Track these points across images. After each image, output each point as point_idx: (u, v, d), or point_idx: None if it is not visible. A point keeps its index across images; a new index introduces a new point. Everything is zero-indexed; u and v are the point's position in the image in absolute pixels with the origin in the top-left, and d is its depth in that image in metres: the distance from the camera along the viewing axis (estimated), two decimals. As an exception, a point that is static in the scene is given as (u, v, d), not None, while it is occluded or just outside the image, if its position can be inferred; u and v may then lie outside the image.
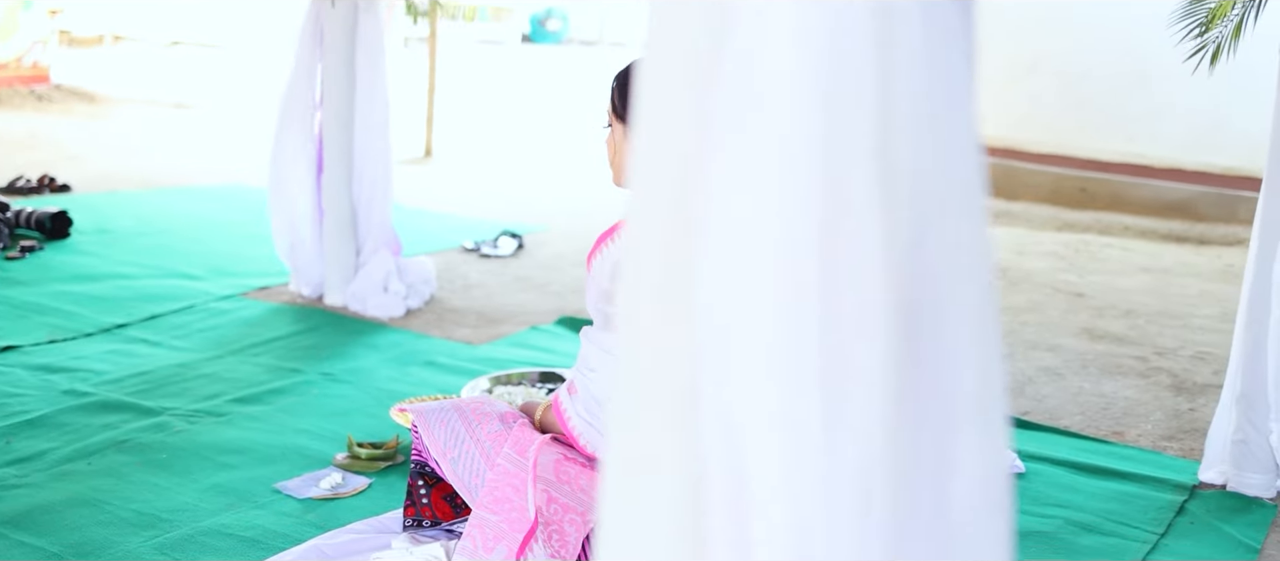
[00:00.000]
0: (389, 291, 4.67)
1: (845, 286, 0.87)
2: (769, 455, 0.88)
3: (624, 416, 0.98)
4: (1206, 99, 8.59)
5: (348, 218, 4.65)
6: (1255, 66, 8.59)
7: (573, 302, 5.03)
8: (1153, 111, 8.72)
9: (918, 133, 0.88)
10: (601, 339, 2.53)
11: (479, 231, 6.29)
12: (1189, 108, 8.68)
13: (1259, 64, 8.55)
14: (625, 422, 0.97)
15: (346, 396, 3.75)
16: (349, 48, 4.55)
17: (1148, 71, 8.73)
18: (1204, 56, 3.31)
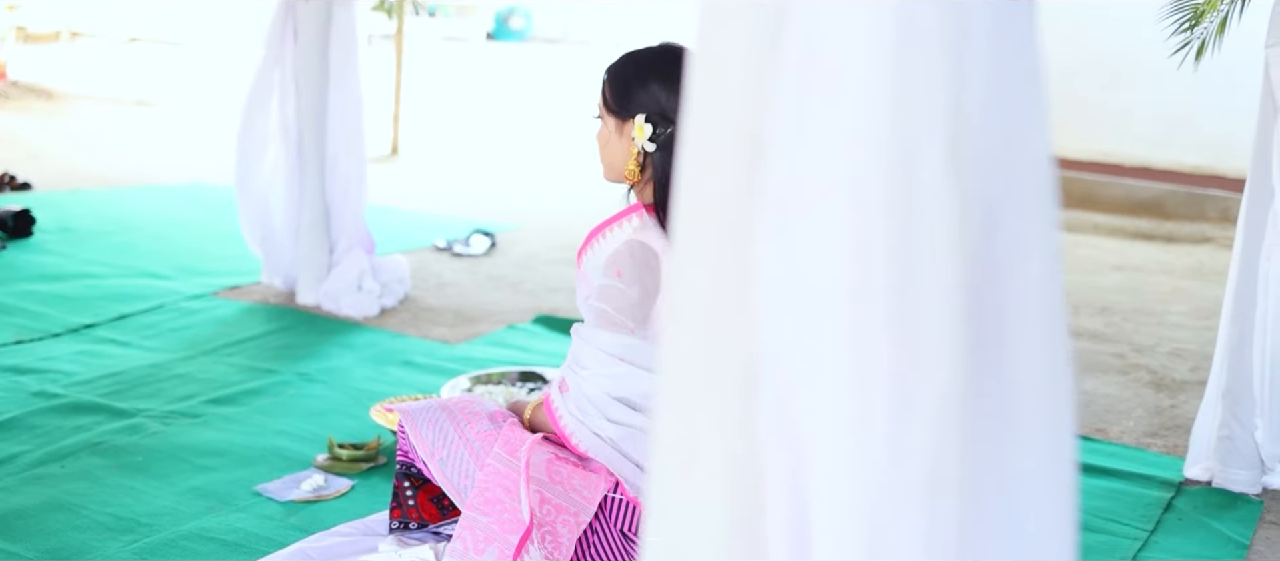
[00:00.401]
0: (363, 290, 4.61)
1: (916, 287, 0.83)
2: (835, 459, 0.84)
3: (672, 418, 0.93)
4: (1175, 98, 8.65)
5: (321, 215, 4.58)
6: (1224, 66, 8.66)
7: (548, 301, 4.99)
8: (1122, 111, 8.77)
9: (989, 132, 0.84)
10: (593, 336, 2.48)
11: (450, 229, 6.22)
12: (1158, 107, 8.73)
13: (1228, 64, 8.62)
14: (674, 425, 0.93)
15: (324, 397, 3.68)
16: (322, 42, 4.48)
17: (1119, 71, 8.78)
18: (1189, 52, 3.30)
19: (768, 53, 0.86)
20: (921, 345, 0.84)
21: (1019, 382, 0.90)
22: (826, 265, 0.84)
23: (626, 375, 2.46)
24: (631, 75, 2.56)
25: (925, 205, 0.83)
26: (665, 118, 2.50)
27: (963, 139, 0.83)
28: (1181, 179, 8.72)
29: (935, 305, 0.83)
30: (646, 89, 2.53)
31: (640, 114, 2.51)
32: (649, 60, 2.56)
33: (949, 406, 0.84)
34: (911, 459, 0.84)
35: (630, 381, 2.47)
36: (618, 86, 2.57)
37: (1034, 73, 0.90)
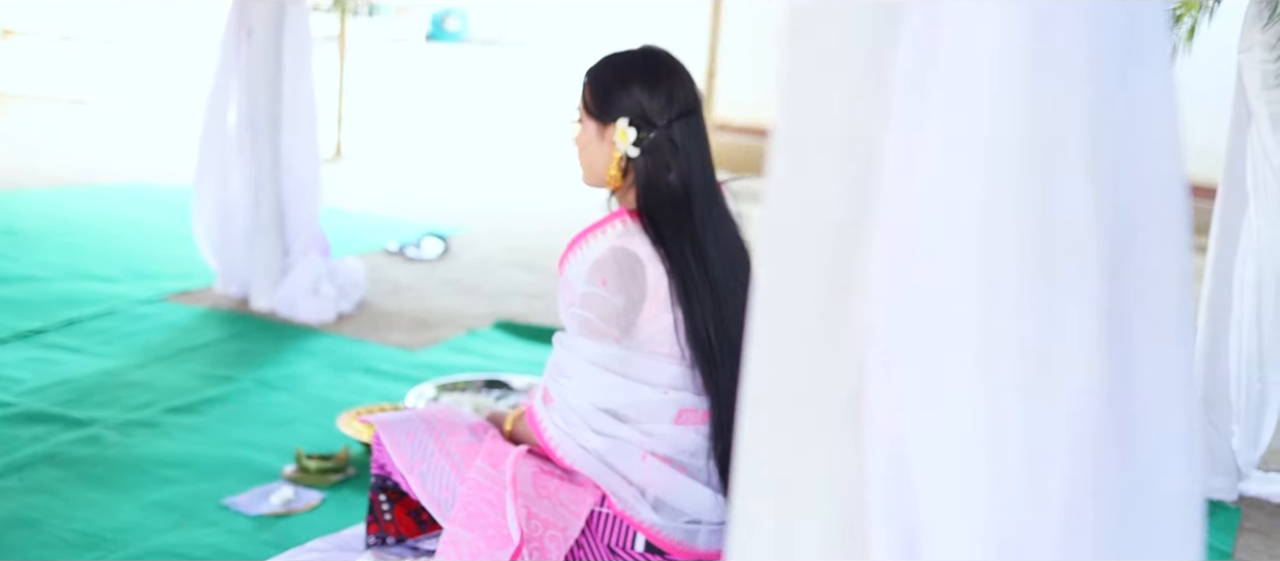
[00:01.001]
0: (319, 295, 4.51)
1: (1052, 304, 0.78)
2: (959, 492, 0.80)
3: (761, 451, 0.88)
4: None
5: (275, 218, 4.48)
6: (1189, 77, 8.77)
7: (506, 306, 4.92)
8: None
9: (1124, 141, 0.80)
10: (577, 345, 2.43)
11: (400, 232, 6.12)
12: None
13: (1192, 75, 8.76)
14: (763, 459, 0.88)
15: (286, 405, 3.59)
16: (275, 42, 4.38)
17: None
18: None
19: (879, 52, 0.81)
20: (1056, 368, 0.79)
21: (1151, 406, 0.86)
22: (949, 278, 0.79)
23: (612, 385, 2.41)
24: (612, 78, 2.51)
25: (1063, 214, 0.78)
26: (648, 121, 2.45)
27: (1101, 146, 0.79)
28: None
29: (1073, 323, 0.79)
30: (628, 92, 2.48)
31: (623, 118, 2.46)
32: (630, 63, 2.51)
33: (1085, 432, 0.80)
34: (1046, 489, 0.80)
35: (616, 391, 2.41)
36: (598, 90, 2.52)
37: (1165, 81, 0.86)
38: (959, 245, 0.79)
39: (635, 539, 2.42)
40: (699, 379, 2.46)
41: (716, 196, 2.54)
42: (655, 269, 2.42)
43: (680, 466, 2.45)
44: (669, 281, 2.42)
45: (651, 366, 2.43)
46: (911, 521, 0.81)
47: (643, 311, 2.43)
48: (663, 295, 2.42)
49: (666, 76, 2.49)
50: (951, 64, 0.79)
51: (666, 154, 2.46)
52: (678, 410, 2.44)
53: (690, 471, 2.46)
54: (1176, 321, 0.87)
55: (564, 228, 6.66)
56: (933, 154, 0.79)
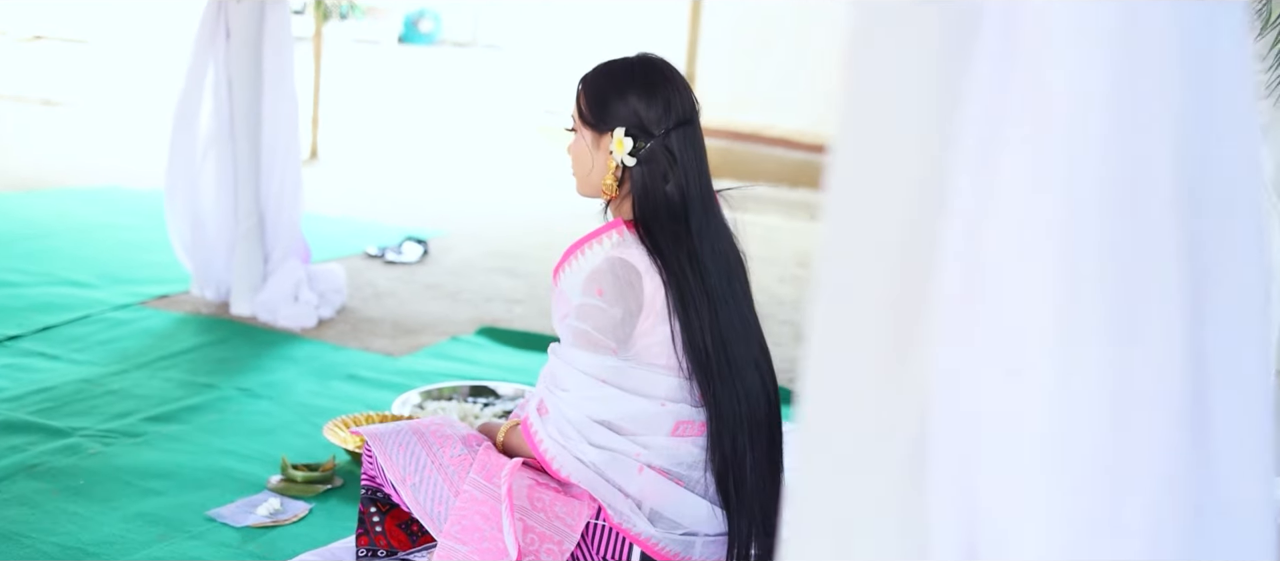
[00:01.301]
0: (300, 301, 4.46)
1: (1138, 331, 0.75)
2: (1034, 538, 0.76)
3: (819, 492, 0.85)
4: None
5: (255, 223, 4.43)
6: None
7: (488, 311, 4.88)
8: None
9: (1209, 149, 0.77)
10: (574, 357, 2.39)
11: (378, 236, 6.07)
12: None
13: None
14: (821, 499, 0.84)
15: (269, 413, 3.54)
16: (255, 43, 4.33)
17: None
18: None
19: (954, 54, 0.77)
20: (1142, 401, 0.76)
21: (1231, 445, 0.83)
22: (1028, 301, 0.75)
23: (609, 397, 2.38)
24: (609, 87, 2.48)
25: (1152, 229, 0.75)
26: (645, 130, 2.43)
27: (1186, 153, 0.76)
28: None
29: (1158, 353, 0.76)
30: (625, 101, 2.46)
31: (619, 127, 2.43)
32: (627, 71, 2.49)
33: (1175, 473, 0.77)
34: (1129, 539, 0.77)
35: (613, 404, 2.39)
36: (594, 98, 2.49)
37: (1244, 79, 0.83)
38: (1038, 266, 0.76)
39: (631, 551, 2.40)
40: (696, 390, 2.44)
41: (713, 206, 2.52)
42: (652, 279, 2.39)
43: (677, 478, 2.43)
44: (666, 292, 2.39)
45: (648, 378, 2.40)
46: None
47: (639, 323, 2.40)
48: (660, 306, 2.39)
49: (664, 85, 2.47)
50: (1033, 58, 0.76)
51: (664, 163, 2.44)
52: (675, 422, 2.41)
53: (687, 483, 2.44)
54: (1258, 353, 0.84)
55: (543, 232, 6.66)
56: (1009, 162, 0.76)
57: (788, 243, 7.11)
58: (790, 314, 5.17)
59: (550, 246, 6.24)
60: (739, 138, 9.65)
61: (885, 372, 0.80)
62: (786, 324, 4.98)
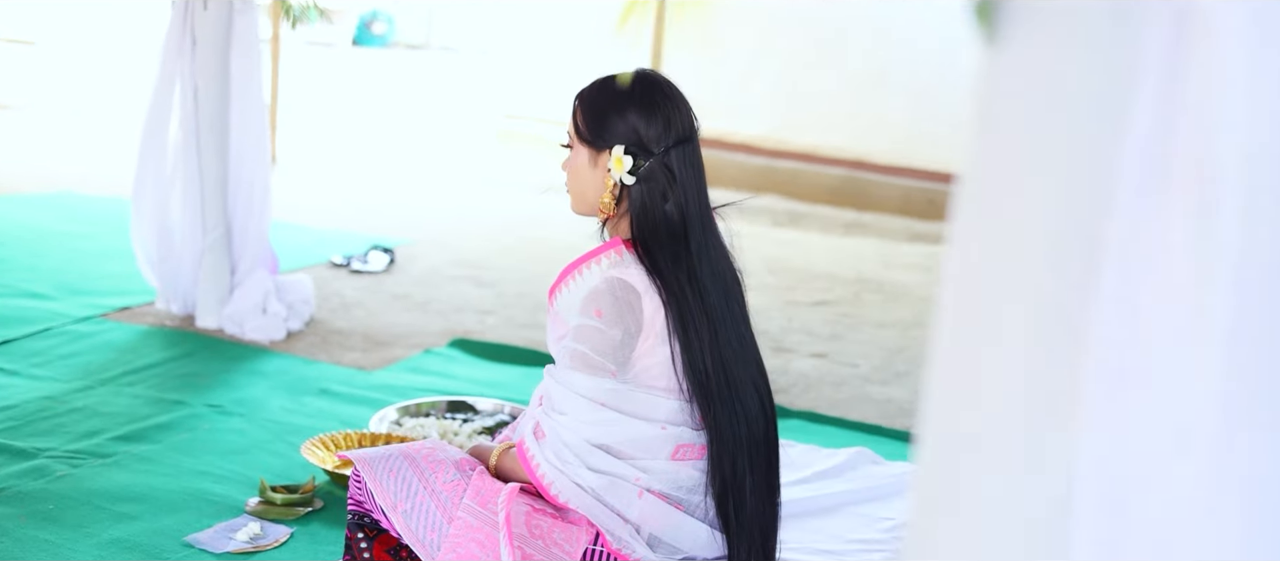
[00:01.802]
0: (268, 313, 4.36)
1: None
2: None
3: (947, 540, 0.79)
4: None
5: (223, 233, 4.32)
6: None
7: (459, 322, 4.80)
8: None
9: None
10: (571, 380, 2.33)
11: (341, 244, 5.96)
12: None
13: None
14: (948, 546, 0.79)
15: (242, 431, 3.45)
16: (223, 49, 4.22)
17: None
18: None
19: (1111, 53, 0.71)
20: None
21: None
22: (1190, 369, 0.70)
23: (608, 421, 2.32)
24: (607, 103, 2.43)
25: None
26: (644, 148, 2.38)
27: None
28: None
29: None
30: (624, 118, 2.40)
31: (619, 145, 2.38)
32: (622, 88, 2.43)
33: None
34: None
35: (612, 427, 2.33)
36: (592, 114, 2.43)
37: None
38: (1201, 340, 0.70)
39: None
40: (696, 413, 2.38)
41: (711, 225, 2.47)
42: (652, 300, 2.33)
43: (677, 503, 2.37)
44: (666, 313, 2.34)
45: (648, 401, 2.34)
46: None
47: (638, 344, 2.34)
48: (659, 327, 2.34)
49: (664, 102, 2.42)
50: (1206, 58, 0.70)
51: (663, 182, 2.38)
52: (675, 446, 2.36)
53: (687, 507, 2.38)
54: None
55: (508, 239, 6.58)
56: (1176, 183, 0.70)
57: (754, 250, 7.07)
58: (763, 324, 5.12)
59: (516, 254, 6.17)
60: (702, 144, 9.59)
61: (1026, 426, 0.74)
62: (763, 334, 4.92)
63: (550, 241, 6.67)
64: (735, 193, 9.31)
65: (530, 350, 4.45)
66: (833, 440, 3.66)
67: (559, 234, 6.91)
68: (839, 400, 4.18)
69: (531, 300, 5.26)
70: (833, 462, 3.39)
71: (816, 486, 3.27)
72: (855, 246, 7.38)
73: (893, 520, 3.11)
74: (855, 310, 5.62)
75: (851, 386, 4.37)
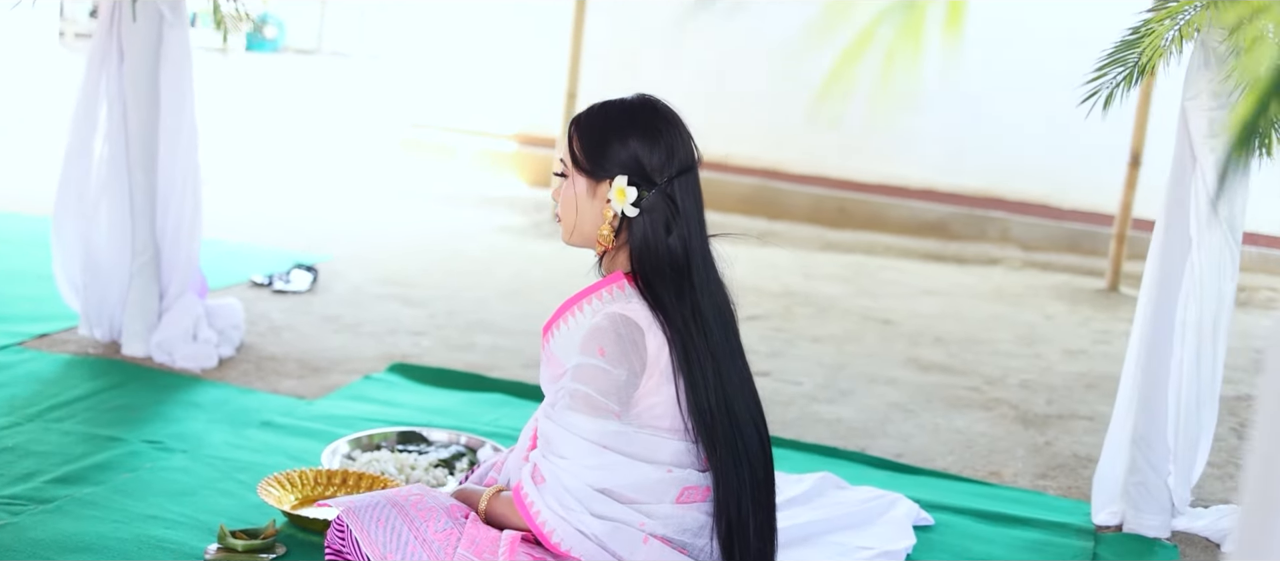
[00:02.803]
0: (198, 339, 4.18)
1: None
2: None
3: None
4: (954, 123, 8.95)
5: (152, 256, 4.13)
6: (1002, 93, 9.02)
7: (394, 346, 4.66)
8: (906, 134, 9.01)
9: None
10: (572, 422, 2.23)
11: (259, 261, 5.77)
12: (939, 131, 9.01)
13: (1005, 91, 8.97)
14: None
15: (188, 470, 3.28)
16: (152, 65, 4.04)
17: (895, 96, 9.00)
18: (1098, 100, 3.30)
19: None
20: None
21: None
22: None
23: (612, 464, 2.24)
24: (608, 130, 2.34)
25: None
26: (647, 178, 2.30)
27: None
28: (964, 201, 9.02)
29: None
30: (625, 146, 2.32)
31: (621, 175, 2.30)
32: (627, 114, 2.35)
33: None
34: None
35: (616, 471, 2.25)
36: (591, 143, 2.35)
37: None
38: None
39: (632, 624, 2.26)
40: (700, 454, 2.32)
41: (711, 257, 2.41)
42: (655, 337, 2.26)
43: (681, 547, 2.30)
44: (670, 350, 2.27)
45: (652, 443, 2.27)
46: None
47: (642, 383, 2.27)
48: (664, 365, 2.26)
49: (666, 129, 2.34)
50: None
51: (666, 214, 2.31)
52: (681, 488, 2.29)
53: (691, 551, 2.32)
54: None
55: (428, 254, 6.44)
56: None
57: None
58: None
59: (440, 271, 6.04)
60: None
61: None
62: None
63: (471, 256, 6.55)
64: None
65: (471, 374, 4.34)
66: (793, 464, 3.62)
67: (478, 249, 6.79)
68: (789, 420, 4.15)
69: (463, 319, 5.14)
70: (800, 489, 3.35)
71: (789, 515, 3.22)
72: (771, 257, 7.38)
73: (872, 549, 3.07)
74: (788, 324, 5.60)
75: (799, 405, 4.34)
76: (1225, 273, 3.20)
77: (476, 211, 8.23)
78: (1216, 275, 3.19)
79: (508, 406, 4.01)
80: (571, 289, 2.39)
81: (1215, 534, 3.36)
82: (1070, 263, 8.21)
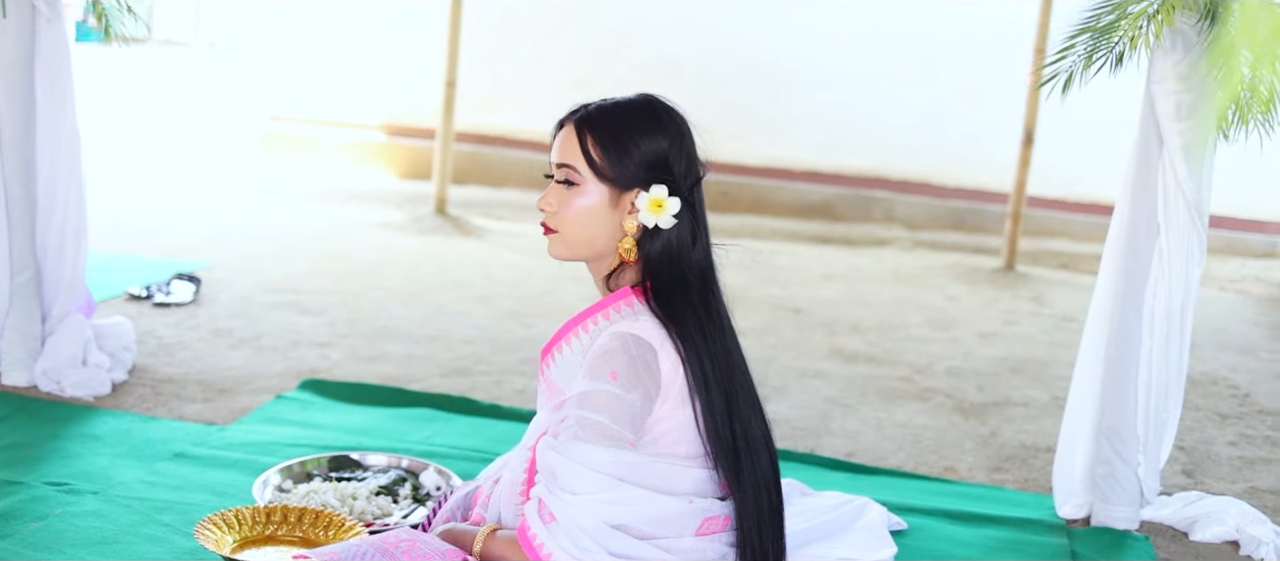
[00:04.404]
0: (89, 364, 3.82)
1: None
2: None
3: None
4: (836, 104, 8.93)
5: (32, 275, 3.75)
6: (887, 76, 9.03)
7: (300, 360, 4.35)
8: (789, 116, 8.96)
9: None
10: (583, 454, 2.03)
11: (134, 271, 5.37)
12: (821, 113, 8.98)
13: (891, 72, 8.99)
14: None
15: (104, 514, 2.95)
16: (26, 68, 3.66)
17: (771, 79, 8.96)
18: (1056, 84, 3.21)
19: None
20: None
21: None
22: None
23: (631, 499, 2.05)
24: (636, 135, 2.13)
25: None
26: (675, 186, 2.12)
27: None
28: (847, 182, 9.02)
29: None
30: (654, 151, 2.14)
31: (658, 184, 2.10)
32: (650, 116, 2.15)
33: None
34: None
35: (635, 506, 2.05)
36: (616, 148, 2.12)
37: None
38: None
39: (652, 670, 2.07)
40: (719, 481, 2.13)
41: (715, 271, 2.23)
42: (669, 356, 2.07)
43: (701, 583, 2.12)
44: (684, 370, 2.08)
45: (671, 472, 2.08)
46: None
47: (656, 408, 2.07)
48: (679, 386, 2.07)
49: (687, 132, 2.16)
50: None
51: (690, 224, 2.13)
52: (702, 519, 2.11)
53: (712, 586, 2.13)
54: None
55: (310, 257, 6.10)
56: None
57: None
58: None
59: (327, 274, 5.72)
60: (486, 141, 9.27)
61: None
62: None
63: (356, 257, 6.24)
64: (524, 191, 9.03)
65: (391, 388, 4.07)
66: (750, 470, 3.45)
67: (362, 249, 6.48)
68: (729, 421, 3.98)
69: (366, 327, 4.85)
70: (767, 498, 3.18)
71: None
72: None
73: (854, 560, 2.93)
74: (701, 318, 5.44)
75: (735, 404, 4.18)
76: (1193, 258, 3.14)
77: (349, 207, 7.89)
78: (1184, 261, 3.13)
79: (438, 422, 3.75)
80: (472, 288, 2.20)
81: (1181, 522, 3.31)
82: (957, 241, 8.26)
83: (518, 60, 9.27)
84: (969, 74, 8.58)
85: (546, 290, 5.74)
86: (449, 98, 7.47)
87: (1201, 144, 3.08)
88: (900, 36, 8.75)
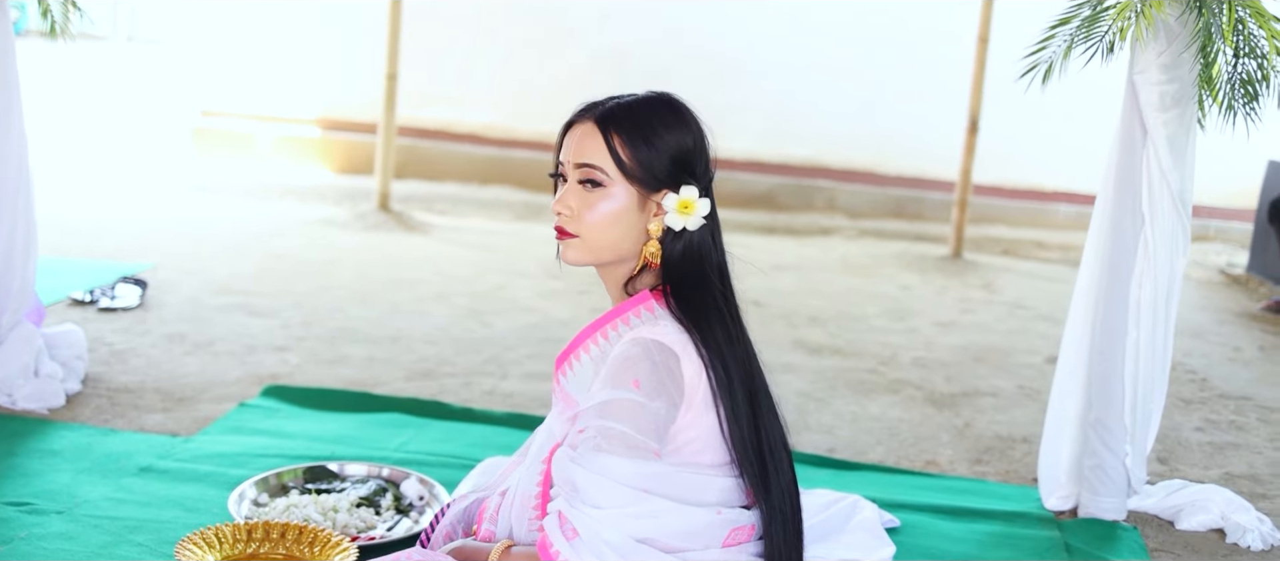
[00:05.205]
0: (41, 375, 3.67)
1: None
2: None
3: None
4: (775, 93, 8.91)
5: (-21, 285, 3.60)
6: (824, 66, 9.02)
7: (259, 365, 4.22)
8: (730, 106, 8.92)
9: None
10: (606, 466, 1.96)
11: (75, 276, 5.18)
12: (762, 102, 8.96)
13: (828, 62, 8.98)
14: None
15: (73, 536, 2.82)
16: (-32, 65, 3.50)
17: (717, 70, 8.92)
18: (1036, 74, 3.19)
19: None
20: None
21: None
22: None
23: (657, 511, 1.98)
24: (661, 132, 2.06)
25: None
26: (701, 186, 2.07)
27: None
28: (790, 172, 9.01)
29: None
30: (682, 150, 2.08)
31: (689, 184, 2.04)
32: (674, 114, 2.09)
33: None
34: None
35: (662, 519, 1.98)
36: (647, 150, 2.05)
37: None
38: None
39: (678, 686, 2.01)
40: (744, 490, 2.07)
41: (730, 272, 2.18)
42: (691, 361, 2.00)
43: (728, 596, 2.06)
44: (708, 375, 2.01)
45: (697, 482, 2.01)
46: None
47: (680, 415, 2.01)
48: (702, 393, 2.01)
49: (706, 132, 2.10)
50: None
51: (712, 225, 2.07)
52: (729, 530, 2.05)
53: (738, 599, 2.07)
54: None
55: (256, 256, 5.94)
56: None
57: (510, 248, 6.71)
58: (562, 333, 4.80)
59: (274, 274, 5.58)
60: (425, 135, 9.13)
61: None
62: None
63: (302, 256, 6.09)
64: (463, 185, 8.90)
65: (357, 393, 3.96)
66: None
67: (307, 247, 6.33)
68: (704, 419, 3.93)
69: (322, 328, 4.73)
70: (756, 499, 3.14)
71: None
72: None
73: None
74: (660, 312, 5.38)
75: (707, 401, 4.13)
76: (1177, 248, 3.14)
77: (288, 204, 7.72)
78: (1169, 251, 3.12)
79: (411, 428, 3.65)
80: (427, 286, 2.13)
81: (1166, 511, 3.32)
82: (900, 229, 8.29)
83: (456, 52, 9.14)
84: (907, 62, 8.61)
85: (501, 285, 5.65)
86: (391, 91, 7.33)
87: (1185, 134, 3.07)
88: (838, 26, 8.75)
